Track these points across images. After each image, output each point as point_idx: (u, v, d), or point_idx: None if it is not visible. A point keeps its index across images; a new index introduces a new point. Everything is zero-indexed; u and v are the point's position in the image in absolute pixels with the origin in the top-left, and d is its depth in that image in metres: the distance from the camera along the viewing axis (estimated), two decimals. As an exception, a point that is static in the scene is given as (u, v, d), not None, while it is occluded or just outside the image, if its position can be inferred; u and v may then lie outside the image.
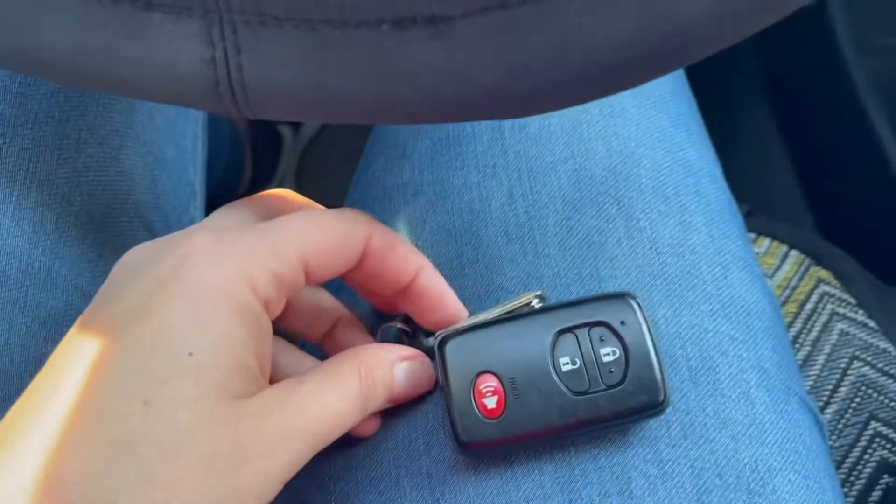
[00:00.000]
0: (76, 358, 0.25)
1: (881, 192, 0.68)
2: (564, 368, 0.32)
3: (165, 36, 0.25)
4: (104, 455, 0.24)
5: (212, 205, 0.55)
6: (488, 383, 0.32)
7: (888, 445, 0.51)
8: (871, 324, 0.53)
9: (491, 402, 0.32)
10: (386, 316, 0.38)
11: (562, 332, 0.33)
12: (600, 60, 0.24)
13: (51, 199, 0.39)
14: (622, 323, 0.32)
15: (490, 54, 0.23)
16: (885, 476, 0.50)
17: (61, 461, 0.24)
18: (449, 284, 0.38)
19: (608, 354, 0.32)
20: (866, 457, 0.50)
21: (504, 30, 0.23)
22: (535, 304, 0.35)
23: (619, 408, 0.31)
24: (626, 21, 0.23)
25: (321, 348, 0.37)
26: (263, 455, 0.26)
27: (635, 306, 0.33)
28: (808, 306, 0.55)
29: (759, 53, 0.88)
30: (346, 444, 0.37)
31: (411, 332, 0.36)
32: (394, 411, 0.36)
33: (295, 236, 0.28)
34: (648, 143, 0.40)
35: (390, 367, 0.32)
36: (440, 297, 0.34)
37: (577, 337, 0.33)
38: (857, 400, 0.51)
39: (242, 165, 0.99)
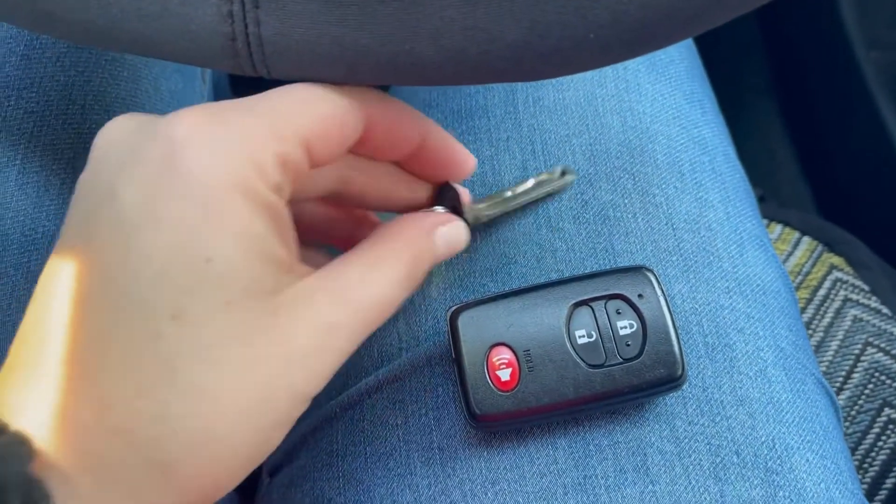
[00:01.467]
0: (85, 276, 0.23)
1: (890, 181, 0.68)
2: (580, 341, 0.31)
3: (181, -13, 0.24)
4: (146, 375, 0.22)
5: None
6: (502, 355, 0.31)
7: (903, 432, 0.50)
8: (885, 310, 0.53)
9: (505, 375, 0.31)
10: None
11: (578, 304, 0.32)
12: (627, 17, 0.23)
13: (56, 163, 0.38)
14: (640, 296, 0.32)
15: (515, 9, 0.23)
16: (899, 463, 0.49)
17: (101, 387, 0.22)
18: (460, 258, 0.37)
19: (625, 327, 0.31)
20: (880, 444, 0.50)
21: (530, -17, 0.22)
22: (566, 176, 0.36)
23: (635, 381, 0.31)
24: (655, -23, 0.22)
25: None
26: (310, 353, 0.25)
27: (653, 279, 0.32)
28: (821, 292, 0.54)
29: (766, 47, 0.87)
30: (354, 419, 0.36)
31: None
32: (402, 386, 0.35)
33: (295, 113, 0.25)
34: (664, 119, 0.40)
35: (431, 235, 0.30)
36: (449, 156, 0.31)
37: (593, 310, 0.32)
38: (871, 386, 0.51)
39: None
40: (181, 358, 0.23)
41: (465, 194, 0.33)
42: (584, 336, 0.32)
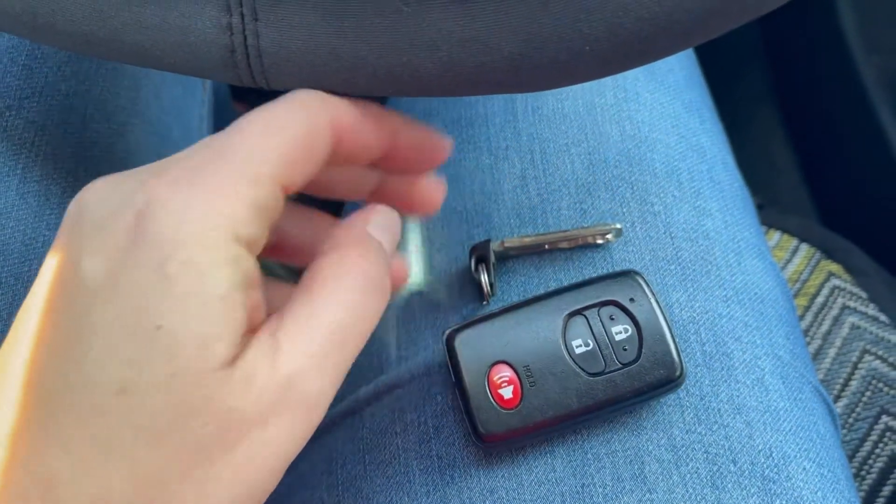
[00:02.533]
0: (40, 347, 0.22)
1: (889, 188, 0.68)
2: (578, 350, 0.32)
3: (182, 1, 0.25)
4: (88, 453, 0.21)
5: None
6: (502, 373, 0.32)
7: (900, 440, 0.50)
8: (883, 318, 0.53)
9: (507, 393, 0.31)
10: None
11: (571, 314, 0.32)
12: (623, 30, 0.23)
13: (56, 173, 0.38)
14: (631, 300, 0.32)
15: (512, 21, 0.23)
16: (897, 470, 0.50)
17: (46, 464, 0.21)
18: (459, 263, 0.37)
19: (620, 332, 0.32)
20: (877, 451, 0.50)
21: (527, -4, 0.23)
22: (610, 238, 0.35)
23: (637, 384, 0.31)
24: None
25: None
26: (262, 424, 0.22)
27: (642, 282, 0.33)
28: (819, 300, 0.54)
29: (766, 53, 0.88)
30: (354, 426, 0.36)
31: None
32: (402, 394, 0.35)
33: (266, 148, 0.23)
34: (662, 128, 0.40)
35: (367, 236, 0.27)
36: (423, 147, 0.29)
37: (587, 318, 0.32)
38: (868, 394, 0.51)
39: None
40: (122, 436, 0.21)
41: (437, 190, 0.31)
42: (581, 345, 0.32)
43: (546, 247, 0.36)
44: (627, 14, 0.23)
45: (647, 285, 0.32)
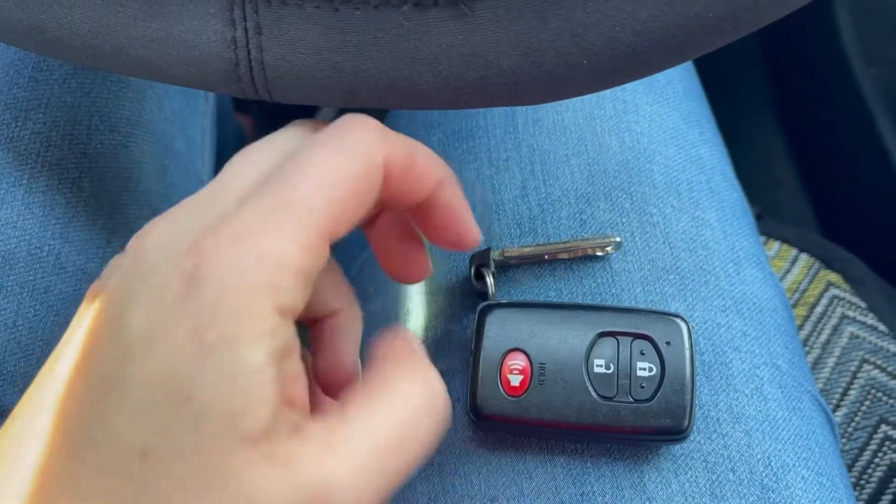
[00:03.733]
0: (72, 399, 0.22)
1: (888, 198, 0.68)
2: (597, 370, 0.32)
3: (187, 15, 0.25)
4: None
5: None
6: (517, 361, 0.32)
7: (899, 449, 0.51)
8: (882, 327, 0.53)
9: (515, 380, 0.32)
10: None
11: (604, 334, 0.32)
12: (620, 44, 0.24)
13: (61, 183, 0.39)
14: (667, 343, 0.32)
15: (511, 36, 0.23)
16: (896, 479, 0.50)
17: None
18: (459, 271, 0.38)
19: (644, 370, 0.32)
20: (876, 460, 0.50)
21: (525, 11, 0.23)
22: (609, 250, 0.36)
23: (639, 423, 0.31)
24: (647, 6, 0.23)
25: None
26: None
27: (685, 330, 0.32)
28: (818, 309, 0.54)
29: (766, 64, 0.88)
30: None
31: None
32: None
33: (322, 208, 0.22)
34: (661, 140, 0.40)
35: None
36: (455, 214, 0.28)
37: (618, 343, 0.32)
38: (868, 403, 0.51)
39: (247, 167, 0.99)
40: (139, 502, 0.21)
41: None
42: (601, 366, 0.32)
43: (546, 257, 0.36)
44: (625, 29, 0.23)
45: (690, 336, 0.32)
